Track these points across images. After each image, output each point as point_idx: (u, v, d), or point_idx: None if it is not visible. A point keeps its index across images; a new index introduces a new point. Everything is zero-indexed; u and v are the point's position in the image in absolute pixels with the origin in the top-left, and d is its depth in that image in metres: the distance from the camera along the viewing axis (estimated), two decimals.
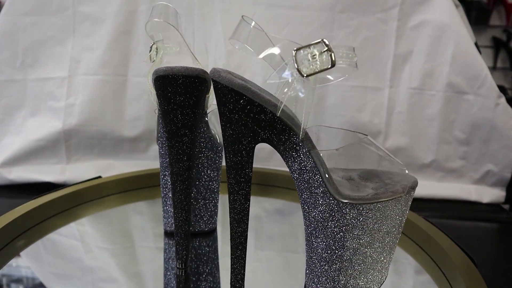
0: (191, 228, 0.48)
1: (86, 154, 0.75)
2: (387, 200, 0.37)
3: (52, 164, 0.74)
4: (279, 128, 0.35)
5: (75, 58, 0.74)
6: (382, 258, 0.39)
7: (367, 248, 0.38)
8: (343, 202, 0.36)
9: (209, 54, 0.75)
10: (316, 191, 0.36)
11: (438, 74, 0.74)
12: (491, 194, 0.77)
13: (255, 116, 0.34)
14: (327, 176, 0.36)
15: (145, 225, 0.61)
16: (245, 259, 0.38)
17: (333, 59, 0.33)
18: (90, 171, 0.73)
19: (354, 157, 0.42)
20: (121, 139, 0.76)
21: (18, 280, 0.45)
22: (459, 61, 0.73)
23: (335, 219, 0.36)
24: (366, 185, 0.41)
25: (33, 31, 0.75)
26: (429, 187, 0.76)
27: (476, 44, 0.77)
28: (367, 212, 0.36)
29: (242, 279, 0.39)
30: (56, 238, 0.54)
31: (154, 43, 0.45)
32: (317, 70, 0.33)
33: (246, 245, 0.38)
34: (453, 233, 0.52)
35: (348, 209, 0.36)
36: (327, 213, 0.36)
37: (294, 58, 0.33)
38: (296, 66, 0.33)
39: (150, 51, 0.45)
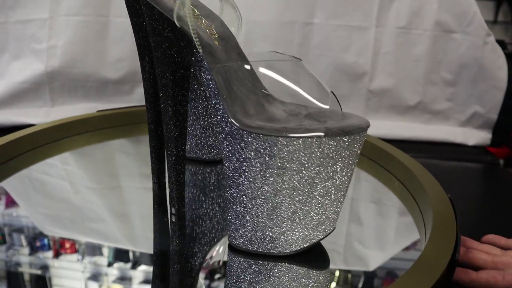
0: None
1: (71, 97, 0.75)
2: (294, 137, 0.31)
3: (37, 108, 0.75)
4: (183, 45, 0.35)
5: None
6: (300, 213, 0.34)
7: (271, 194, 0.33)
8: (236, 127, 0.32)
9: None
10: (217, 113, 0.34)
11: (426, 12, 0.72)
12: (477, 137, 0.76)
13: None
14: (226, 93, 0.33)
15: (131, 165, 0.61)
16: None
17: None
18: (75, 114, 0.73)
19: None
20: (105, 81, 0.75)
21: (19, 230, 0.46)
22: None
23: (234, 150, 0.33)
24: (298, 119, 0.36)
25: None
26: (415, 129, 0.76)
27: None
28: (270, 147, 0.31)
29: None
30: (45, 179, 0.55)
31: None
32: None
33: None
34: (436, 172, 0.50)
35: (245, 137, 0.32)
36: (226, 141, 0.33)
37: None
38: None
39: None
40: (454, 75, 0.75)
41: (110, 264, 0.41)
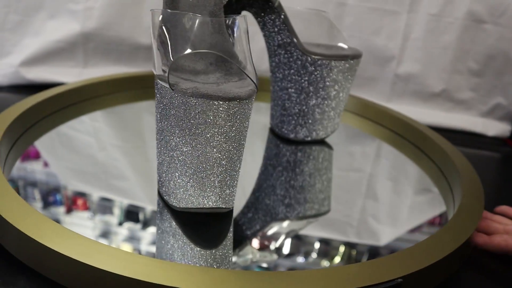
0: None
1: (103, 59, 0.77)
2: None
3: (70, 67, 0.76)
4: None
5: None
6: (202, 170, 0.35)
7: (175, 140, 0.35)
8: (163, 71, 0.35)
9: None
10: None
11: (460, 1, 0.73)
12: (497, 128, 0.78)
13: None
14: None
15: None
16: None
17: None
18: None
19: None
20: (138, 47, 0.76)
21: (33, 184, 0.46)
22: None
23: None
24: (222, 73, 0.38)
25: None
26: (436, 116, 0.77)
27: None
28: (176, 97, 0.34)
29: None
30: (72, 134, 0.56)
31: None
32: None
33: None
34: None
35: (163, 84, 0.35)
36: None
37: None
38: None
39: None
40: (481, 66, 0.76)
41: (120, 224, 0.42)
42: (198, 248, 0.36)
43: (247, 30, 0.36)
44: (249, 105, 0.34)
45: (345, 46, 0.56)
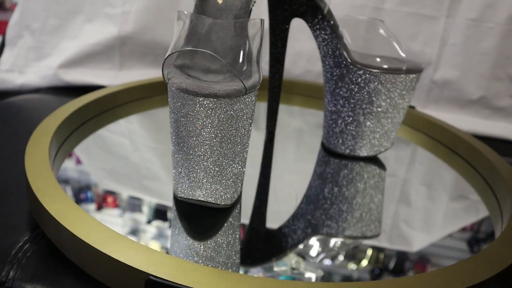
0: None
1: (139, 62, 0.78)
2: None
3: (106, 69, 0.77)
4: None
5: None
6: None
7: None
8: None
9: None
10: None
11: (500, 5, 0.71)
12: None
13: None
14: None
15: None
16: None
17: None
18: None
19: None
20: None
21: (65, 181, 0.47)
22: None
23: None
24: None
25: None
26: (473, 124, 0.75)
27: None
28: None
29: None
30: (106, 135, 0.57)
31: None
32: None
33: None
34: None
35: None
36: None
37: None
38: None
39: None
40: None
41: (149, 222, 0.43)
42: (189, 239, 0.38)
43: (261, 33, 0.38)
44: (235, 104, 0.34)
45: (404, 58, 0.51)
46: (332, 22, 0.49)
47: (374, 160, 0.55)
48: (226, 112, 0.34)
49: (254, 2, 0.40)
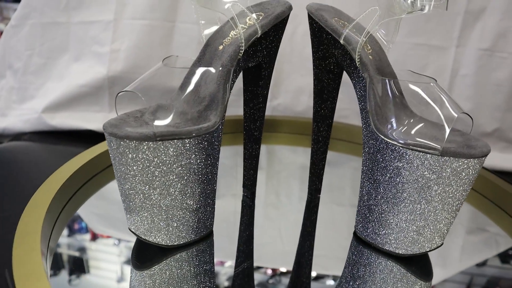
0: None
1: (130, 103, 0.73)
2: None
3: (95, 112, 0.72)
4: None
5: (122, 1, 0.71)
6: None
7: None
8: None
9: None
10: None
11: None
12: None
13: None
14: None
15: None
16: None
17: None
18: None
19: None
20: (168, 90, 0.72)
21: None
22: None
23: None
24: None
25: None
26: (489, 157, 0.71)
27: None
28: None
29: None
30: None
31: None
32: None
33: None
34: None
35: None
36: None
37: None
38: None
39: None
40: None
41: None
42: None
43: (230, 82, 0.39)
44: (160, 150, 0.33)
45: (461, 131, 0.38)
46: (366, 76, 0.38)
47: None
48: (153, 157, 0.34)
49: (241, 51, 0.40)
